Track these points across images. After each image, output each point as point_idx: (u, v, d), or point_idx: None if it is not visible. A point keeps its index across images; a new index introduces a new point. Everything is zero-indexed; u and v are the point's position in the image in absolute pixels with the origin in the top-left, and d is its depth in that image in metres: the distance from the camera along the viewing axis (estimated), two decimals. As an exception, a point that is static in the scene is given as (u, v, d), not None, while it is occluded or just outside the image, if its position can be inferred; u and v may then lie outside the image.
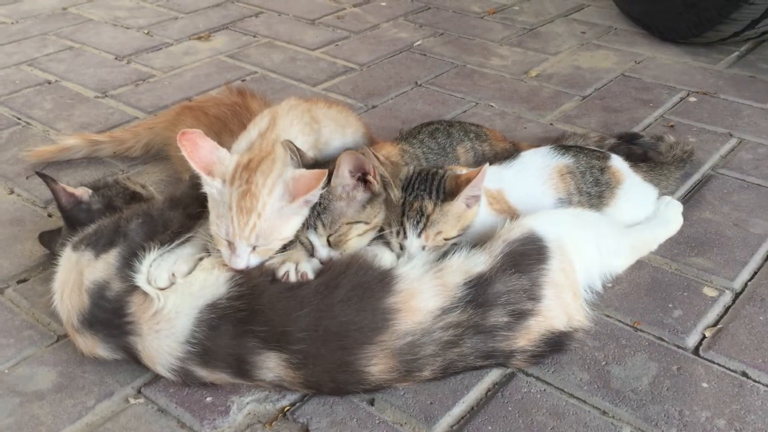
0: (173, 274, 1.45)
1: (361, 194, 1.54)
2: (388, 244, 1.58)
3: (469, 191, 1.52)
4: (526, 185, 1.71)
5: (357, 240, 1.54)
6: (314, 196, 1.47)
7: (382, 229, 1.58)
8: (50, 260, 1.81)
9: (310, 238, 1.53)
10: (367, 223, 1.54)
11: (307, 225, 1.52)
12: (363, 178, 1.53)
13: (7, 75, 2.85)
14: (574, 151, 1.78)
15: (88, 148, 2.22)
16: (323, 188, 1.47)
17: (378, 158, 1.59)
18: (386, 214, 1.57)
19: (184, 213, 1.56)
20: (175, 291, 1.45)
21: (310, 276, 1.45)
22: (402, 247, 1.56)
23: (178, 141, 1.44)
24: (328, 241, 1.52)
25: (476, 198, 1.56)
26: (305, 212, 1.51)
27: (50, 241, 1.80)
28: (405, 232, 1.54)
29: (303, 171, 1.49)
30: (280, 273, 1.45)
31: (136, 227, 1.52)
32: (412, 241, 1.54)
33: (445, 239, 1.55)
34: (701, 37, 2.80)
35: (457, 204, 1.54)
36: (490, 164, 1.72)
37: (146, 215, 1.56)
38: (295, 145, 1.56)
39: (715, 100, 2.52)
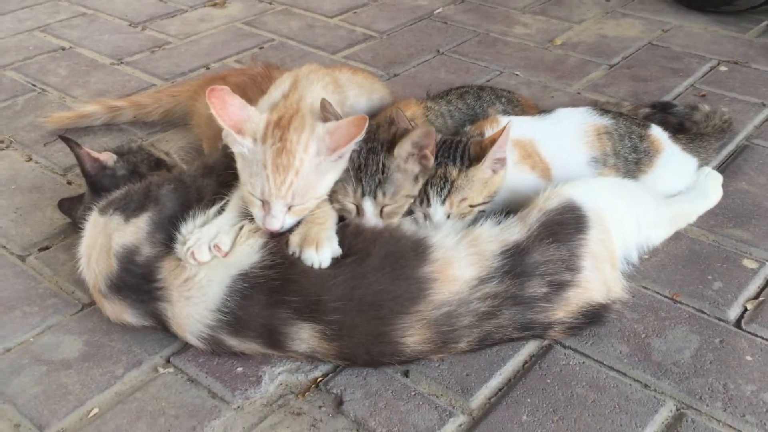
0: (216, 246, 1.39)
1: (412, 167, 1.49)
2: (410, 213, 1.54)
3: (495, 152, 1.48)
4: (560, 138, 1.66)
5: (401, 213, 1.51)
6: (352, 147, 1.43)
7: None
8: (71, 227, 1.77)
9: (365, 205, 1.48)
10: (414, 197, 1.51)
11: (363, 191, 1.47)
12: (421, 153, 1.49)
13: (20, 41, 2.79)
14: (614, 114, 1.73)
15: (108, 115, 2.18)
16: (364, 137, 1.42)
17: (406, 119, 1.55)
18: None
19: (218, 181, 1.52)
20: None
21: (326, 264, 1.38)
22: (426, 217, 1.52)
23: (207, 98, 1.38)
24: (380, 210, 1.48)
25: (502, 161, 1.52)
26: (340, 167, 1.46)
27: (70, 208, 1.77)
28: (429, 200, 1.51)
29: (338, 122, 1.44)
30: (306, 262, 1.38)
31: (167, 193, 1.48)
32: (437, 209, 1.50)
33: (471, 206, 1.51)
34: (731, 5, 2.73)
35: (483, 168, 1.50)
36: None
37: (178, 181, 1.52)
38: (331, 104, 1.51)
39: (747, 70, 2.46)
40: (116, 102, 2.20)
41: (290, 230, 1.44)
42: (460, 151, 1.53)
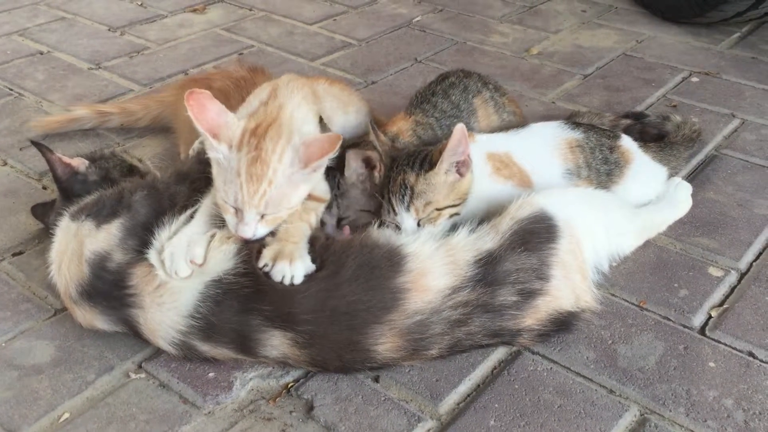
0: (191, 261, 1.40)
1: (368, 184, 1.60)
2: (383, 224, 1.56)
3: (448, 156, 1.49)
4: (534, 151, 1.69)
5: None
6: (325, 162, 1.43)
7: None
8: (45, 233, 1.77)
9: (323, 217, 1.58)
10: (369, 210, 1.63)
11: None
12: (370, 166, 1.60)
13: (-3, 45, 2.79)
14: (585, 127, 1.76)
15: (97, 119, 2.17)
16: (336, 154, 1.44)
17: (378, 136, 1.58)
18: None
19: (191, 188, 1.53)
20: None
21: (298, 280, 1.38)
22: (398, 227, 1.53)
23: (186, 101, 1.38)
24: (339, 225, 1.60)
25: (465, 163, 1.53)
26: (314, 179, 1.48)
27: (43, 213, 1.76)
28: (393, 209, 1.52)
29: (314, 137, 1.45)
30: (277, 278, 1.38)
31: (140, 199, 1.49)
32: (403, 217, 1.52)
33: (438, 209, 1.53)
34: (704, 17, 2.77)
35: (440, 171, 1.51)
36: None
37: (151, 188, 1.52)
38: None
39: (718, 81, 2.51)
40: (106, 108, 2.20)
41: (263, 238, 1.45)
42: (420, 158, 1.55)
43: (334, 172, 1.60)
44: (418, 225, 1.53)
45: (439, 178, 1.52)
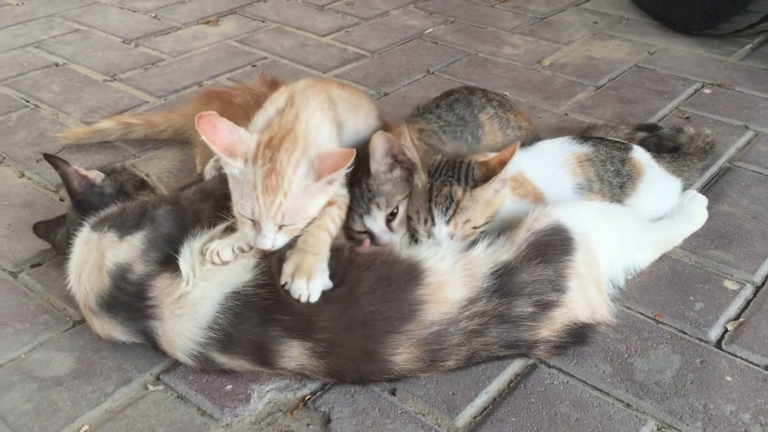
0: (240, 248, 1.45)
1: (398, 171, 1.59)
2: (415, 233, 1.56)
3: (503, 175, 1.50)
4: (544, 168, 1.69)
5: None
6: (339, 175, 1.44)
7: (410, 218, 1.58)
8: (53, 251, 1.78)
9: (368, 225, 1.57)
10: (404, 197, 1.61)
11: (360, 213, 1.57)
12: (395, 158, 1.59)
13: (14, 57, 2.81)
14: (594, 141, 1.77)
15: (122, 131, 2.20)
16: (350, 168, 1.45)
17: (413, 141, 1.60)
18: (414, 201, 1.56)
19: (215, 205, 1.54)
20: (205, 278, 1.43)
21: (315, 298, 1.39)
22: (429, 235, 1.54)
23: (197, 125, 1.40)
24: (388, 225, 1.58)
25: (504, 182, 1.55)
26: (331, 191, 1.49)
27: (48, 231, 1.75)
28: (433, 219, 1.52)
29: (329, 151, 1.46)
30: (295, 294, 1.39)
31: (164, 213, 1.50)
32: (441, 229, 1.52)
33: (474, 227, 1.53)
34: (716, 28, 2.77)
35: (490, 189, 1.52)
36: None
37: (175, 203, 1.53)
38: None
39: (730, 93, 2.51)
40: (131, 119, 2.22)
41: (282, 249, 1.46)
42: (464, 171, 1.55)
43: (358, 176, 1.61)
44: (451, 237, 1.53)
45: (484, 195, 1.52)
